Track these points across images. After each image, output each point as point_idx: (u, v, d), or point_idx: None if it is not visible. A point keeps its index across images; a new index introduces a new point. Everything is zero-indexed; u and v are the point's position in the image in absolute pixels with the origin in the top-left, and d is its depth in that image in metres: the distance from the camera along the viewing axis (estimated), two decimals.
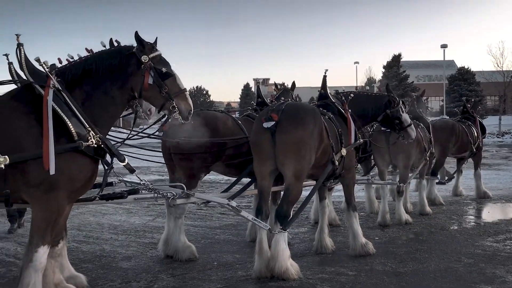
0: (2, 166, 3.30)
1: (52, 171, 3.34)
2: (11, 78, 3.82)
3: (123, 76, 3.78)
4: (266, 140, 4.85)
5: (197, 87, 69.24)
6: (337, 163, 5.33)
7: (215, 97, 77.33)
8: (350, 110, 5.82)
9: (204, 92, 71.83)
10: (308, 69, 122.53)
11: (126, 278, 4.89)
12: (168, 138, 5.59)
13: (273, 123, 4.81)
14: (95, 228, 7.35)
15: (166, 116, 4.26)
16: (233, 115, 6.50)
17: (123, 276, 4.98)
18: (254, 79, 79.68)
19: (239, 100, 71.70)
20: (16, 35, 3.73)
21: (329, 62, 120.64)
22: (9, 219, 7.04)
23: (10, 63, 3.80)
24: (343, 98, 5.98)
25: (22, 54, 3.71)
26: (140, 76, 3.79)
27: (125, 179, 4.57)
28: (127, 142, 4.51)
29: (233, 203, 4.77)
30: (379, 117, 6.28)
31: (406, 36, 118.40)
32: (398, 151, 7.37)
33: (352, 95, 6.09)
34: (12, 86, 3.82)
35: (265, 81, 75.13)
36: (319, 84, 6.20)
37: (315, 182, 5.68)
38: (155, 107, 3.99)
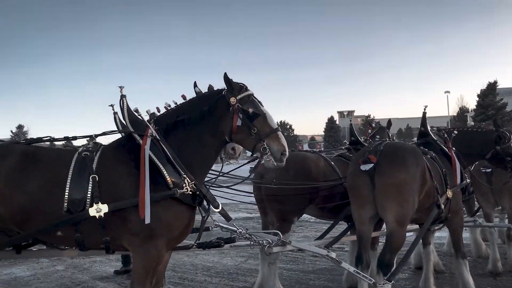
0: (102, 214, 3.41)
1: (147, 220, 3.36)
2: (116, 128, 3.98)
3: (214, 120, 3.73)
4: (365, 184, 4.59)
5: (280, 122, 69.90)
6: (442, 206, 4.90)
7: (298, 131, 77.44)
8: (454, 148, 5.37)
9: (288, 126, 72.32)
10: (393, 99, 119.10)
11: None
12: (261, 180, 5.54)
13: (371, 165, 4.55)
14: (189, 269, 7.41)
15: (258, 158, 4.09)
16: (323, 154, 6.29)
17: None
18: (338, 112, 79.40)
19: (323, 133, 71.25)
20: (120, 87, 3.90)
21: (416, 91, 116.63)
22: (123, 260, 7.13)
23: (115, 113, 3.96)
24: (446, 136, 5.56)
25: (125, 105, 3.85)
26: (229, 118, 3.71)
27: (221, 224, 4.52)
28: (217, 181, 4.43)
29: (333, 254, 4.53)
30: (488, 154, 5.71)
31: (501, 60, 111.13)
32: (504, 191, 6.60)
33: (455, 131, 5.64)
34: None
35: (350, 113, 74.23)
36: (406, 115, 5.83)
37: (417, 226, 5.26)
38: (247, 150, 3.90)
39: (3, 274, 6.78)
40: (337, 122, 71.73)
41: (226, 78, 3.75)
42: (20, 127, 60.70)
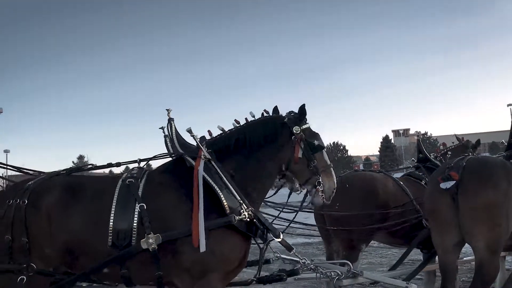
0: (155, 246, 3.07)
1: (202, 248, 3.00)
2: (167, 151, 3.73)
3: (274, 147, 3.53)
4: (447, 205, 3.97)
5: (333, 143, 68.73)
6: None
7: (352, 151, 75.75)
8: None
9: (341, 147, 70.97)
10: (449, 115, 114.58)
11: None
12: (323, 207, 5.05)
13: (453, 183, 3.93)
14: None
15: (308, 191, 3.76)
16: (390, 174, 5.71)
17: None
18: (393, 131, 77.15)
19: (378, 153, 69.35)
20: (167, 110, 3.74)
21: (473, 106, 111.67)
22: None
23: (165, 136, 3.75)
24: None
25: (173, 128, 3.67)
26: (290, 147, 3.55)
27: (283, 256, 4.07)
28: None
29: (414, 286, 3.96)
30: None
31: None
32: None
33: None
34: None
35: (405, 131, 71.94)
36: (465, 131, 5.12)
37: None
38: (298, 181, 3.62)
39: None
40: (392, 141, 69.60)
41: (303, 109, 3.63)
42: (81, 157, 62.61)
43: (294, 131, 3.53)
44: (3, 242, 3.24)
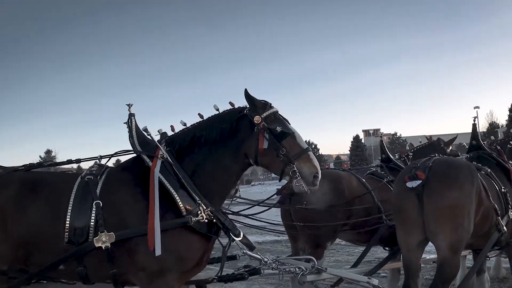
0: (108, 244, 3.01)
1: (157, 252, 2.95)
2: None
3: (236, 142, 3.33)
4: (412, 204, 3.99)
5: (305, 141, 69.09)
6: (504, 229, 4.24)
7: (324, 150, 76.51)
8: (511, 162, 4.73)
9: (313, 146, 71.57)
10: (419, 116, 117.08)
11: None
12: (289, 204, 5.04)
13: (419, 182, 3.95)
14: None
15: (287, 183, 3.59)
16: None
17: None
18: (363, 130, 78.19)
19: (348, 152, 70.20)
20: (128, 105, 3.54)
21: (443, 108, 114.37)
22: None
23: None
24: (498, 148, 4.91)
25: (133, 124, 3.48)
26: (254, 140, 3.31)
27: (248, 253, 4.00)
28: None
29: (375, 281, 4.05)
30: None
31: None
32: None
33: None
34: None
35: (376, 131, 73.04)
36: (434, 132, 5.20)
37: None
38: (275, 174, 3.43)
39: None
40: (363, 141, 70.60)
41: (248, 95, 3.36)
42: (48, 152, 60.83)
43: (255, 121, 3.27)
44: None
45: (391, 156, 5.88)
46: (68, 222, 3.08)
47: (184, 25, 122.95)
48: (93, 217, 3.08)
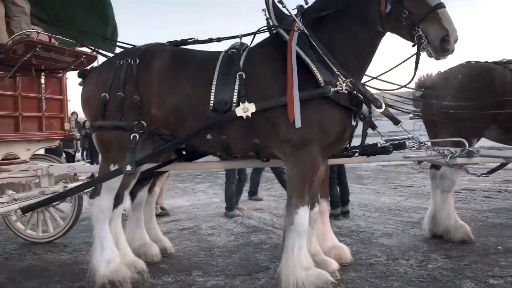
0: (249, 114, 3.14)
1: (297, 123, 3.00)
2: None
3: (361, 9, 3.18)
4: None
5: None
6: None
7: None
8: None
9: None
10: None
11: (392, 255, 4.28)
12: (430, 98, 4.79)
13: None
14: None
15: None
16: None
17: (388, 252, 4.39)
18: None
19: None
20: None
21: None
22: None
23: (263, 10, 3.55)
24: None
25: (270, 1, 3.48)
26: (376, 3, 3.11)
27: (391, 138, 3.94)
28: None
29: None
30: None
31: None
32: None
33: None
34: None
35: None
36: None
37: None
38: (406, 40, 3.12)
39: (167, 203, 7.12)
40: None
41: None
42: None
43: None
44: (115, 99, 3.44)
45: None
46: (213, 91, 3.25)
47: None
48: (236, 88, 3.22)
